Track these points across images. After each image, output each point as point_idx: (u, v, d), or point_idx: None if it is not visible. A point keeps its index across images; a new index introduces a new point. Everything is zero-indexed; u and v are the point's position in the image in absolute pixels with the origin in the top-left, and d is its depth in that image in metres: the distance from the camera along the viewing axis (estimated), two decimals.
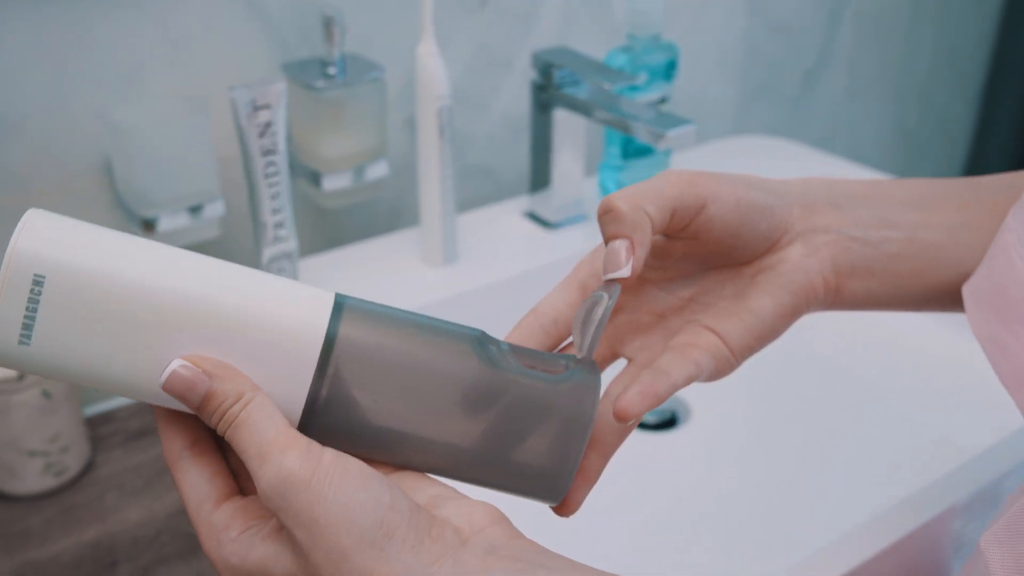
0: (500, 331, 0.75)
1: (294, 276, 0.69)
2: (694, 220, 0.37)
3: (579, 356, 0.36)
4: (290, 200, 0.66)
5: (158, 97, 0.74)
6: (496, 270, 0.77)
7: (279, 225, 0.66)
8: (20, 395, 0.67)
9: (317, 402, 0.32)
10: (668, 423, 0.80)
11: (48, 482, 0.71)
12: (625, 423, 0.36)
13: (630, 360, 0.40)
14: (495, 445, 0.34)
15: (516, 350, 0.35)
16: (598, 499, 0.44)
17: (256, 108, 0.62)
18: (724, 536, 0.67)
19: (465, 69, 0.90)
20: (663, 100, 0.86)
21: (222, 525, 0.31)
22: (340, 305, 0.33)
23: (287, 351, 0.31)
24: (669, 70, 0.85)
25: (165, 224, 0.70)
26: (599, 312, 0.35)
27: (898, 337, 0.87)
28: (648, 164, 0.88)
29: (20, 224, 0.30)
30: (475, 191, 0.95)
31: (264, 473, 0.29)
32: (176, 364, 0.30)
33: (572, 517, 0.35)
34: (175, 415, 0.33)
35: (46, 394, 0.68)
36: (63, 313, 0.30)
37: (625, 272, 0.35)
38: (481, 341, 0.34)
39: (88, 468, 0.74)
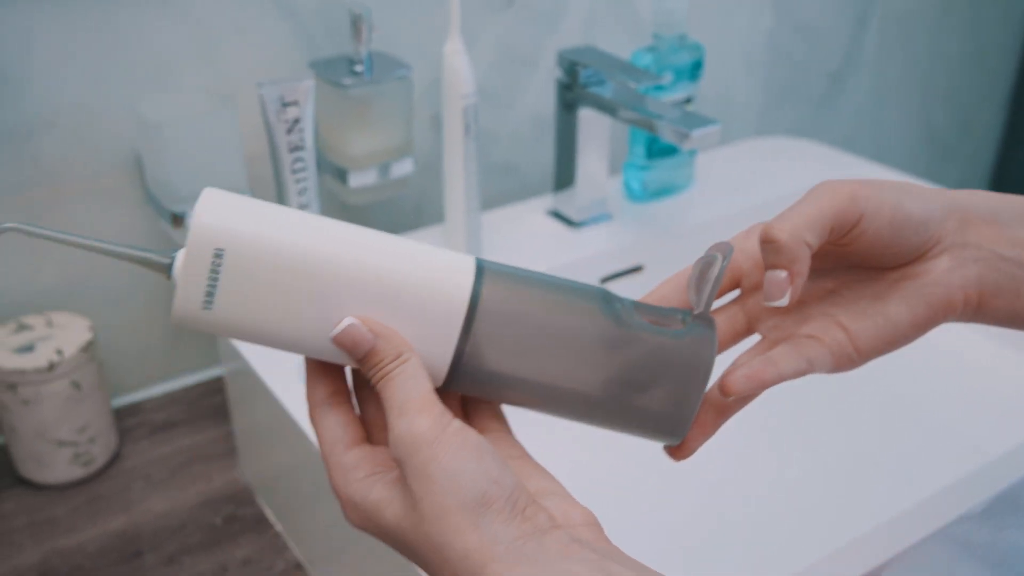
0: None
1: None
2: (848, 233, 0.39)
3: (696, 312, 0.38)
4: (317, 196, 0.67)
5: (187, 93, 0.75)
6: None
7: None
8: (50, 385, 0.68)
9: (463, 357, 0.36)
10: None
11: (76, 472, 0.72)
12: (726, 399, 0.39)
13: (763, 337, 0.42)
14: (621, 393, 0.37)
15: (638, 306, 0.38)
16: (607, 503, 0.44)
17: (284, 104, 0.63)
18: (738, 539, 0.67)
19: (491, 67, 0.90)
20: (688, 100, 0.86)
21: (350, 466, 0.35)
22: (481, 269, 0.36)
23: (437, 312, 0.35)
24: (695, 70, 0.85)
25: None
26: (714, 272, 0.37)
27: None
28: (673, 164, 0.88)
29: (199, 204, 0.34)
30: (499, 189, 0.95)
31: (399, 426, 0.33)
32: (348, 321, 0.34)
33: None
34: (322, 367, 0.37)
35: (75, 385, 0.69)
36: (241, 281, 0.34)
37: (784, 302, 0.37)
38: (607, 299, 0.37)
39: (115, 459, 0.75)
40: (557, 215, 0.86)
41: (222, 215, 0.34)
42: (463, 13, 0.86)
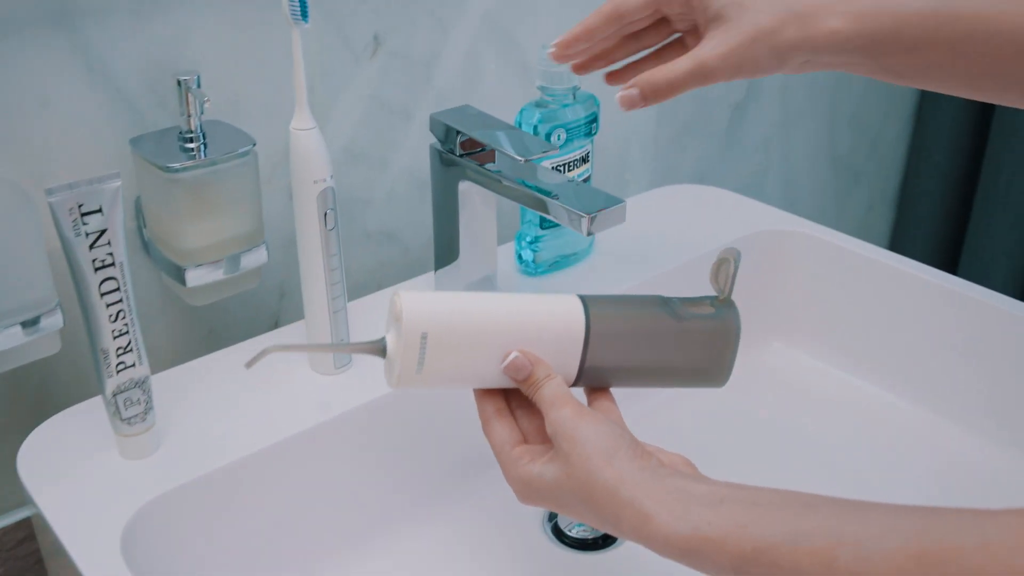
0: (400, 452, 0.64)
1: (149, 407, 0.57)
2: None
3: (720, 298, 0.53)
4: (137, 318, 0.54)
5: None
6: None
7: (124, 350, 0.54)
8: None
9: (584, 364, 0.51)
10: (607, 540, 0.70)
11: None
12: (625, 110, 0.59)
13: (677, 31, 0.63)
14: (683, 361, 0.53)
15: (683, 300, 0.53)
16: None
17: (83, 214, 0.50)
18: None
19: (360, 122, 0.79)
20: (585, 159, 0.76)
21: (516, 457, 0.49)
22: (585, 304, 0.52)
23: (565, 340, 0.51)
24: (590, 125, 0.75)
25: None
26: (730, 268, 0.52)
27: (882, 427, 0.79)
28: (570, 232, 0.78)
29: (402, 304, 0.48)
30: (378, 259, 0.84)
31: (552, 412, 0.48)
32: (515, 354, 0.49)
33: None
34: (487, 393, 0.52)
35: None
36: (439, 349, 0.48)
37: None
38: (664, 301, 0.53)
39: None
40: None
41: (420, 310, 0.48)
42: (325, 63, 0.74)
